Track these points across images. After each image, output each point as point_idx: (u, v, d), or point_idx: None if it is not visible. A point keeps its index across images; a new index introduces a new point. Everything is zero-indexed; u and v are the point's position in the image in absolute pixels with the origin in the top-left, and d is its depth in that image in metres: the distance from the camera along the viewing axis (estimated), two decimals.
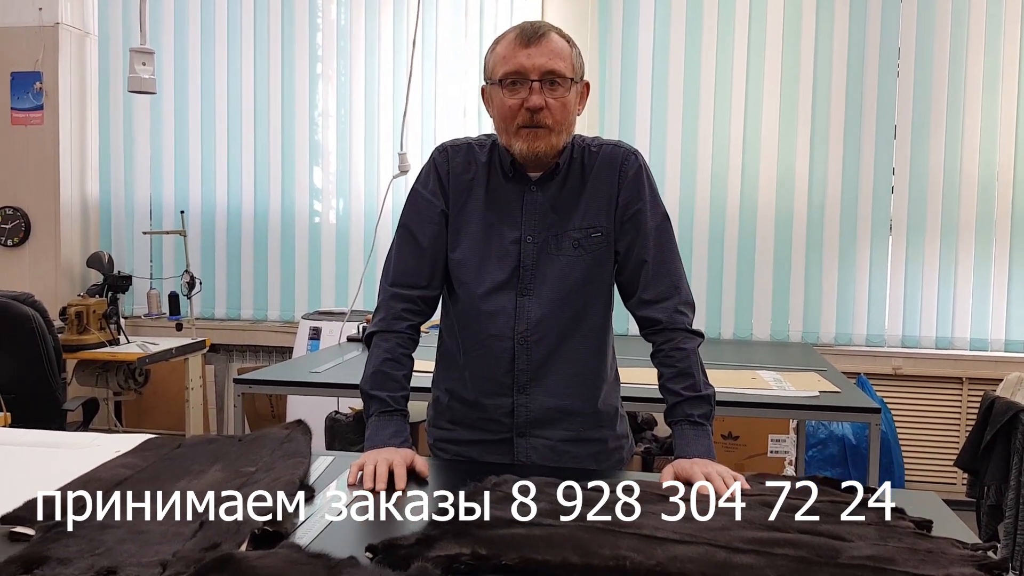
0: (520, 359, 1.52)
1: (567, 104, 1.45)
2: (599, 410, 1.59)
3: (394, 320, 1.54)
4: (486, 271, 1.52)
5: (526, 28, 1.45)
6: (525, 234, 1.52)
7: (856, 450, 3.78)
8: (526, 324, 1.52)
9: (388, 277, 1.57)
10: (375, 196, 4.33)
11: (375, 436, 1.45)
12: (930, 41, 3.92)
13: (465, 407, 1.59)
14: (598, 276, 1.54)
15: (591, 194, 1.53)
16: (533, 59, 1.42)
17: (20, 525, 1.10)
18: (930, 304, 3.98)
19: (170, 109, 4.51)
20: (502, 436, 1.56)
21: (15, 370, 3.10)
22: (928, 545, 1.06)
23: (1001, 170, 3.90)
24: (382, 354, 1.51)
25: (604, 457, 1.60)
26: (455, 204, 1.55)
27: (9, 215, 4.41)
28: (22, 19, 4.35)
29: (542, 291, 1.51)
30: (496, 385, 1.54)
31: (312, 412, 3.09)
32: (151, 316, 4.36)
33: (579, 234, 1.51)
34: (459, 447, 1.61)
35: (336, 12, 4.40)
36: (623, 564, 0.97)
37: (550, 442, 1.56)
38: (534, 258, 1.52)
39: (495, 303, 1.52)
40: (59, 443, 1.61)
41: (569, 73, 1.44)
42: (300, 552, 0.97)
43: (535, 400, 1.54)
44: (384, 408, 1.48)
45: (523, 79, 1.43)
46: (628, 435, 1.67)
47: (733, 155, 4.06)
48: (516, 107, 1.44)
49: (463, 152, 1.57)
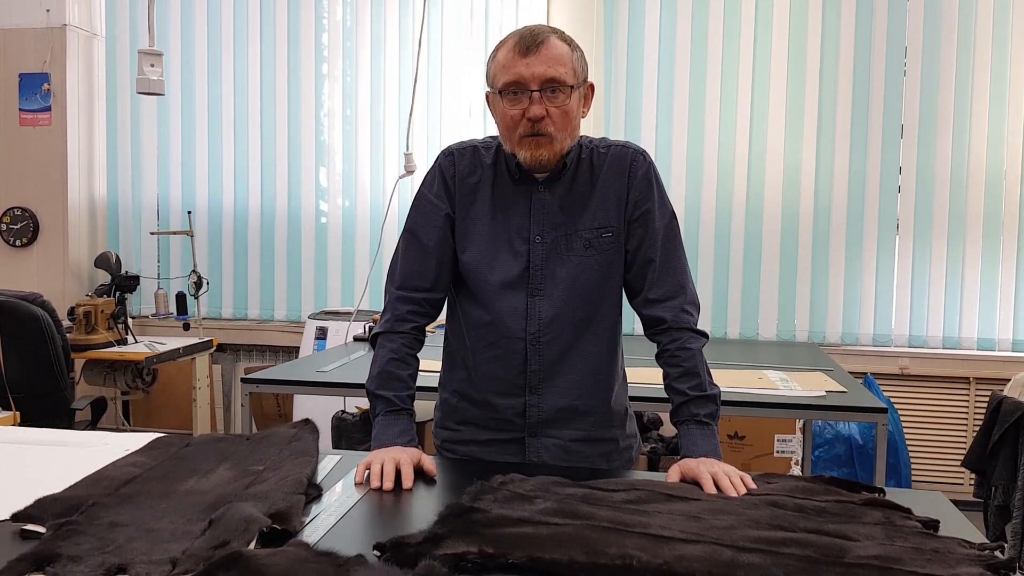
0: (532, 359, 1.52)
1: (568, 111, 1.45)
2: (611, 409, 1.59)
3: (399, 321, 1.55)
4: (496, 272, 1.52)
5: (525, 35, 1.44)
6: (534, 234, 1.52)
7: (863, 450, 3.77)
8: (538, 324, 1.52)
9: (394, 280, 1.58)
10: (381, 196, 4.34)
11: (381, 435, 1.46)
12: (937, 39, 3.91)
13: (475, 407, 1.59)
14: (609, 276, 1.54)
15: (601, 194, 1.53)
16: (532, 68, 1.41)
17: (31, 523, 1.11)
18: (937, 303, 3.97)
19: (177, 110, 4.53)
20: (514, 436, 1.57)
21: (24, 369, 3.12)
22: (935, 545, 1.06)
23: (1009, 168, 3.89)
24: (387, 354, 1.53)
25: (615, 456, 1.60)
26: (462, 206, 1.55)
27: (17, 216, 4.44)
28: (30, 21, 4.38)
29: (553, 291, 1.51)
30: (508, 385, 1.54)
31: (319, 411, 3.11)
32: (158, 316, 4.39)
33: (590, 234, 1.51)
34: (468, 447, 1.60)
35: (342, 12, 4.41)
36: (630, 563, 0.97)
37: (561, 442, 1.56)
38: (544, 258, 1.52)
39: (506, 304, 1.52)
40: (68, 442, 1.62)
41: (570, 79, 1.43)
42: (308, 550, 0.98)
43: (547, 400, 1.54)
44: (390, 407, 1.49)
45: (523, 88, 1.42)
46: (636, 434, 1.68)
47: (739, 154, 4.05)
48: (518, 117, 1.44)
49: (468, 155, 1.57)
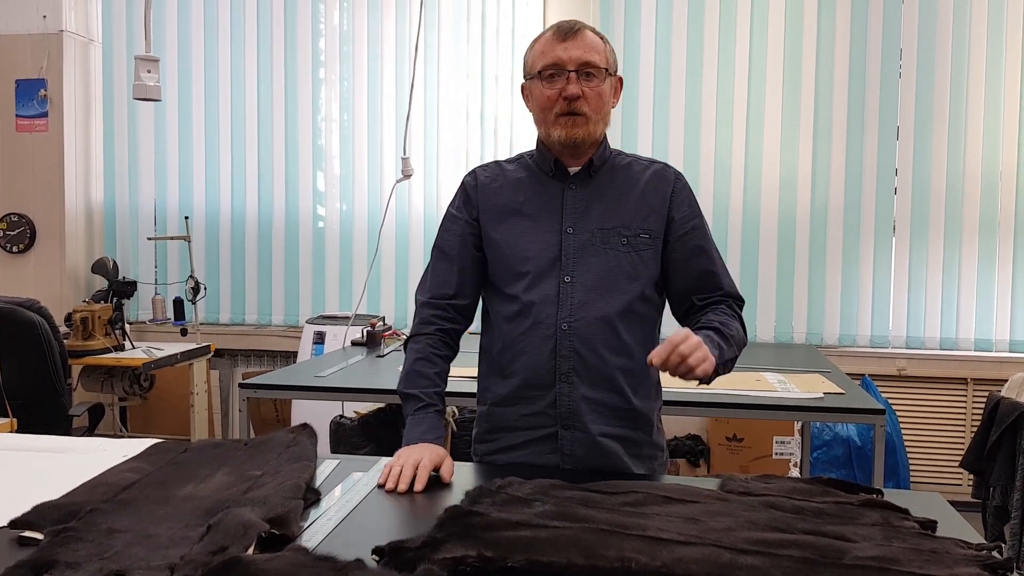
0: (563, 345, 1.54)
1: (602, 94, 1.53)
2: (638, 410, 1.58)
3: (423, 324, 1.63)
4: (528, 261, 1.56)
5: (563, 25, 1.54)
6: (566, 225, 1.56)
7: (861, 451, 3.77)
8: (569, 309, 1.54)
9: (422, 292, 1.66)
10: (378, 200, 4.34)
11: (409, 433, 1.50)
12: (932, 41, 3.92)
13: (509, 407, 1.59)
14: (641, 276, 1.56)
15: (641, 200, 1.58)
16: (570, 51, 1.51)
17: (29, 529, 1.11)
18: (934, 305, 3.98)
19: (174, 115, 4.53)
20: (547, 431, 1.57)
21: (21, 376, 3.11)
22: (933, 545, 1.06)
23: (1004, 169, 3.90)
24: (413, 355, 1.60)
25: (640, 464, 1.59)
26: (487, 209, 1.61)
27: (14, 222, 4.43)
28: (26, 27, 4.38)
29: (586, 279, 1.54)
30: (538, 375, 1.55)
31: (317, 416, 3.10)
32: (156, 321, 4.38)
33: (628, 232, 1.56)
34: (506, 454, 1.60)
35: (339, 17, 4.41)
36: (628, 566, 0.97)
37: (592, 436, 1.55)
38: (577, 248, 1.55)
39: (538, 291, 1.55)
40: (66, 448, 1.62)
41: (604, 65, 1.53)
42: (307, 555, 0.98)
43: (577, 389, 1.55)
44: (418, 405, 1.54)
45: (560, 70, 1.51)
46: (664, 448, 1.67)
47: (736, 157, 4.06)
48: (554, 97, 1.52)
49: (491, 168, 1.66)
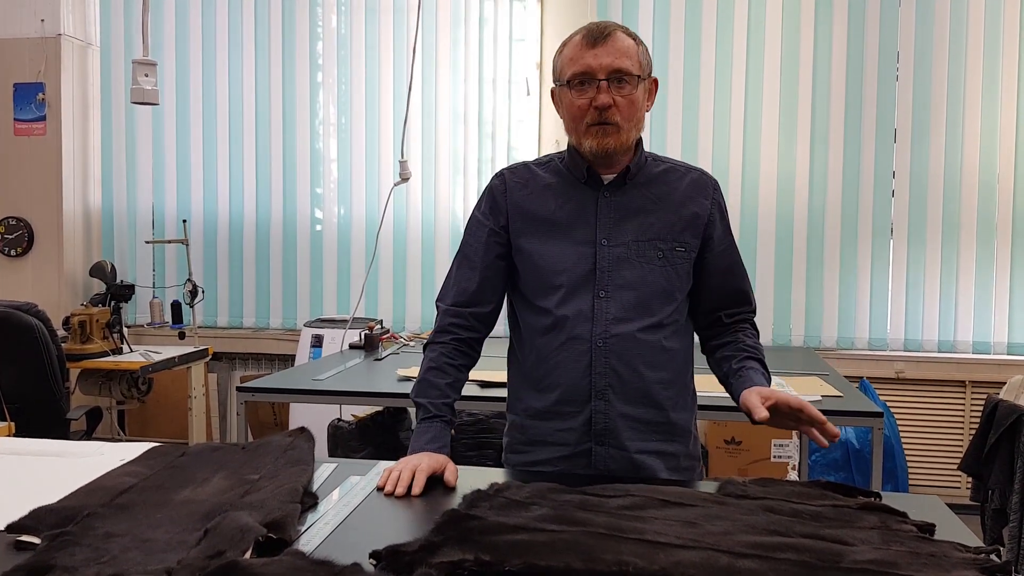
0: (597, 361, 1.50)
1: (635, 101, 1.47)
2: (673, 422, 1.55)
3: (440, 333, 1.59)
4: (561, 274, 1.52)
5: (592, 29, 1.48)
6: (600, 237, 1.51)
7: (859, 454, 3.77)
8: (604, 325, 1.50)
9: (444, 298, 1.62)
10: (376, 204, 4.34)
11: (414, 443, 1.48)
12: (929, 44, 3.93)
13: (543, 421, 1.56)
14: (676, 289, 1.53)
15: (677, 211, 1.54)
16: (600, 59, 1.45)
17: (26, 534, 1.11)
18: (932, 307, 3.98)
19: (172, 119, 4.53)
20: (582, 447, 1.53)
21: (19, 380, 3.11)
22: (931, 549, 1.06)
23: (1002, 172, 3.91)
24: (427, 363, 1.57)
25: (677, 476, 1.56)
26: (517, 217, 1.55)
27: (12, 225, 4.43)
28: (25, 30, 4.38)
29: (621, 295, 1.50)
30: (573, 392, 1.52)
31: (315, 420, 3.10)
32: (154, 325, 4.38)
33: (665, 245, 1.52)
34: (540, 467, 1.56)
35: (336, 21, 4.41)
36: (626, 570, 0.97)
37: (628, 453, 1.52)
38: (611, 261, 1.51)
39: (572, 306, 1.51)
40: (63, 452, 1.61)
41: (636, 70, 1.46)
42: (304, 559, 0.98)
43: (613, 407, 1.51)
44: (425, 415, 1.52)
45: (591, 79, 1.45)
46: (700, 459, 1.64)
47: (733, 159, 4.06)
48: (585, 107, 1.46)
49: (520, 170, 1.60)
